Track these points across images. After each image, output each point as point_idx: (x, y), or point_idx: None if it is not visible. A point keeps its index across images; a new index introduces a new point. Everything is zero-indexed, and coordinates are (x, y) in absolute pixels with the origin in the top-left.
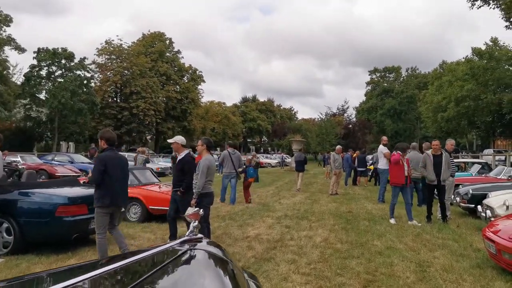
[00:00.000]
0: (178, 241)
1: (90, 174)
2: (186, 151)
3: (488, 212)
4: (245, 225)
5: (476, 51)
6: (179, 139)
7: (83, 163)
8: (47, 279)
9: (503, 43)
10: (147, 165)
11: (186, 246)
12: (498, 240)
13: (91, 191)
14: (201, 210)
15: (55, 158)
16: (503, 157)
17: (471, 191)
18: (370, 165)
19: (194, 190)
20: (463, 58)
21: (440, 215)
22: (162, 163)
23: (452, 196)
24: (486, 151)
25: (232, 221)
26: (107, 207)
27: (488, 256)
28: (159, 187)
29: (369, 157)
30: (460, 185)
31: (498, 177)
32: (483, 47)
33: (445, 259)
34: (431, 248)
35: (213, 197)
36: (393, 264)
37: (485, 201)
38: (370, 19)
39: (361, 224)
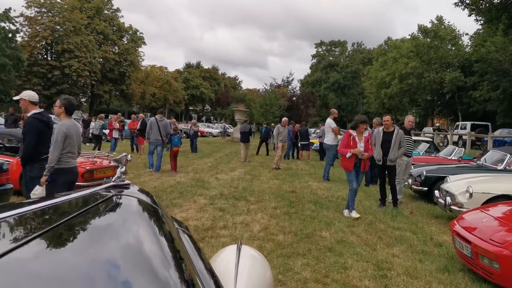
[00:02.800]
0: (103, 186)
1: None
2: (35, 110)
3: (448, 199)
4: (172, 206)
5: (422, 29)
6: (27, 94)
7: None
8: None
9: (448, 22)
10: None
11: (113, 192)
12: (475, 241)
13: None
14: (129, 155)
15: None
16: (441, 136)
17: (425, 173)
18: (314, 139)
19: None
20: (409, 35)
21: (391, 199)
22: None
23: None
24: (425, 129)
25: (158, 200)
26: None
27: (456, 255)
28: None
29: (312, 130)
30: (411, 165)
31: (449, 158)
32: (429, 25)
33: (406, 258)
34: (388, 243)
35: (74, 174)
36: (347, 266)
37: (443, 186)
38: None
39: (306, 207)
